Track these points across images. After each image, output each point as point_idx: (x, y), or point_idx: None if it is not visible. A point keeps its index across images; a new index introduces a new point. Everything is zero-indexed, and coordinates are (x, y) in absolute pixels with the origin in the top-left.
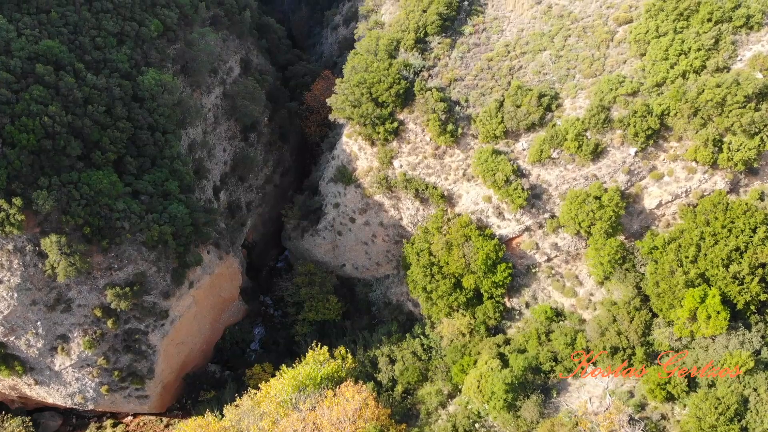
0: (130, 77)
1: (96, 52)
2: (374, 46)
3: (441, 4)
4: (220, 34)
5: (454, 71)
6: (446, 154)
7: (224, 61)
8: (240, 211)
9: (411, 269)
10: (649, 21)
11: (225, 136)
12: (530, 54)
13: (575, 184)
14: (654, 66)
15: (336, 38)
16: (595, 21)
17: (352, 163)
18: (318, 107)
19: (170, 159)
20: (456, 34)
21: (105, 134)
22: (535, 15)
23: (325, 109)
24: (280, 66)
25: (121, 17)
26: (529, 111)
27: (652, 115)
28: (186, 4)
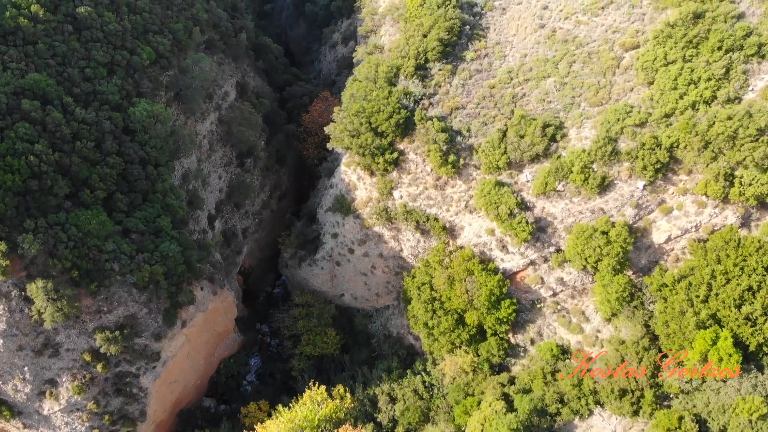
0: (120, 108)
1: (85, 84)
2: (373, 73)
3: (442, 30)
4: (215, 57)
5: (455, 99)
6: (448, 185)
7: (219, 86)
8: (236, 238)
9: (412, 304)
10: (657, 48)
11: (220, 162)
12: (534, 81)
13: (581, 218)
14: (662, 96)
15: (334, 56)
16: (600, 46)
17: (350, 192)
18: (316, 129)
19: (162, 193)
20: (457, 60)
21: (94, 171)
22: (539, 39)
23: (323, 131)
24: (278, 87)
25: (111, 46)
26: (533, 142)
27: (661, 147)
28: (179, 29)
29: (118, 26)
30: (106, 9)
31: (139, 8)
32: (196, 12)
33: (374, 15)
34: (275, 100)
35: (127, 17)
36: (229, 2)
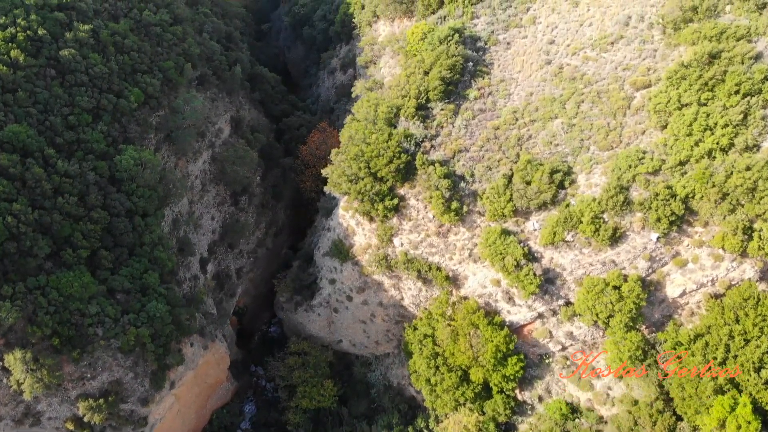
0: (106, 156)
1: (68, 133)
2: (373, 114)
3: (444, 68)
4: (208, 93)
5: (458, 141)
6: (451, 232)
7: (213, 123)
8: (229, 280)
9: (413, 359)
10: (670, 90)
11: (213, 202)
12: (540, 122)
13: (592, 270)
14: (677, 142)
15: (333, 83)
16: (610, 85)
17: (349, 238)
18: (314, 161)
19: (150, 246)
20: (460, 99)
21: (77, 228)
22: (545, 77)
23: (321, 163)
24: (274, 117)
25: (97, 90)
26: (540, 189)
27: (676, 199)
28: (170, 68)
29: (104, 68)
30: (91, 50)
31: (127, 47)
32: (187, 47)
33: (373, 45)
34: (272, 131)
35: (114, 58)
36: (222, 33)
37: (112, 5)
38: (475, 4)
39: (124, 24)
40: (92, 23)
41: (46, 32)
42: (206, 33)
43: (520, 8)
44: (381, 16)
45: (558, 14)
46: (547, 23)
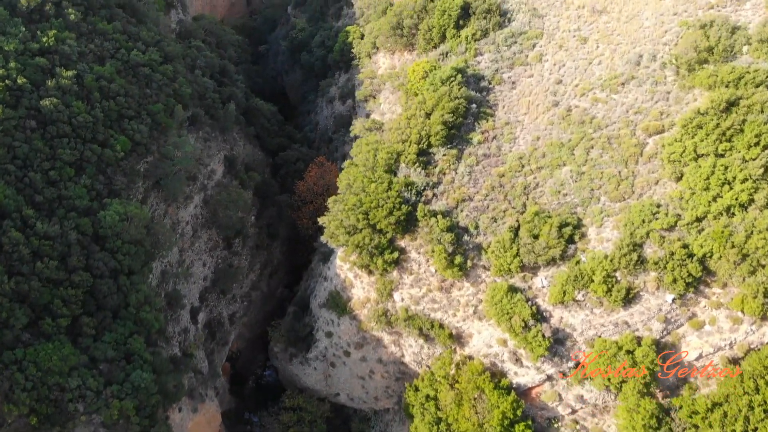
0: (90, 212)
1: (49, 190)
2: (372, 160)
3: (446, 111)
4: (200, 133)
5: (461, 189)
6: (454, 287)
7: (205, 165)
8: (221, 327)
9: (414, 423)
10: (685, 138)
11: (205, 248)
12: (548, 169)
13: (603, 331)
14: (693, 196)
15: (332, 112)
16: (621, 130)
17: (346, 290)
18: (311, 197)
19: (136, 306)
20: (463, 143)
21: (57, 294)
22: (552, 120)
23: (318, 200)
24: (270, 151)
25: (80, 140)
26: (548, 244)
27: (693, 259)
28: (159, 110)
29: (88, 117)
30: (75, 97)
31: (113, 92)
32: (178, 87)
33: (373, 78)
34: (267, 166)
35: (99, 104)
36: (216, 67)
37: (98, 46)
38: (478, 40)
39: (110, 66)
40: (76, 67)
41: (26, 81)
42: (198, 70)
43: (526, 45)
44: (381, 48)
45: (565, 51)
46: (554, 61)
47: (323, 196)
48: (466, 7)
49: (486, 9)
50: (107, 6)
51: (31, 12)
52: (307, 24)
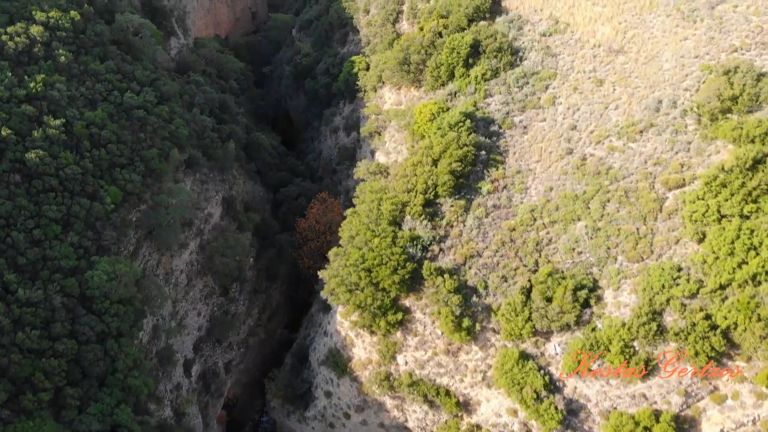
0: (77, 272)
1: (33, 251)
2: (376, 212)
3: (454, 159)
4: (198, 175)
5: (469, 244)
6: (461, 350)
7: (202, 209)
8: (217, 378)
9: None
10: (708, 197)
11: (200, 296)
12: (561, 224)
13: (620, 403)
14: (717, 262)
15: (336, 142)
16: (639, 182)
17: (347, 349)
18: (313, 236)
19: (124, 372)
20: (471, 192)
21: (39, 365)
22: (566, 169)
23: (320, 238)
24: (272, 186)
25: (68, 194)
26: (562, 309)
27: (716, 331)
28: (153, 156)
29: (77, 168)
30: (63, 146)
31: (105, 139)
32: (174, 128)
33: (378, 114)
34: (268, 203)
35: (89, 154)
36: (216, 102)
37: (89, 89)
38: (488, 80)
39: (101, 111)
40: (65, 113)
41: (11, 132)
42: (197, 107)
43: (538, 86)
44: (387, 83)
45: (580, 94)
46: (568, 104)
47: (325, 235)
48: (476, 45)
49: (497, 48)
50: (101, 43)
51: (19, 54)
52: (312, 49)
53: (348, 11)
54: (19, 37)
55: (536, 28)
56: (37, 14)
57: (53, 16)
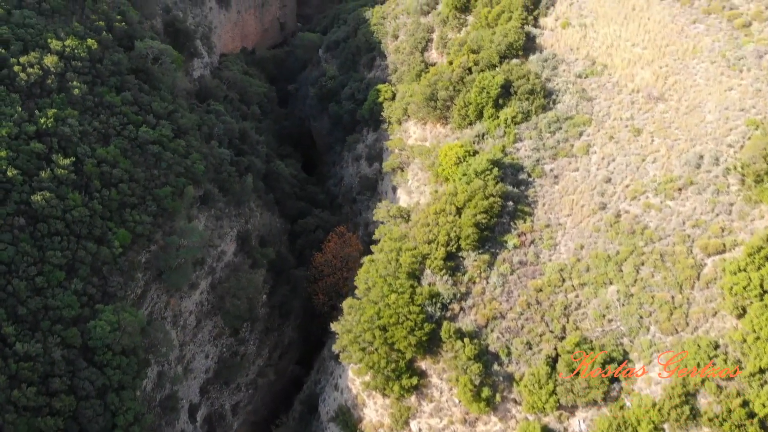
0: (79, 321)
1: (34, 300)
2: (394, 263)
3: (479, 210)
4: (213, 211)
5: (492, 304)
6: (480, 421)
7: (215, 246)
8: (223, 421)
9: None
10: (750, 269)
11: (209, 337)
12: (591, 287)
13: None
14: (757, 342)
15: (357, 170)
16: (676, 245)
17: (357, 409)
18: (329, 271)
19: (124, 428)
20: (496, 246)
21: (34, 424)
22: (599, 226)
23: (337, 274)
24: (290, 216)
25: (74, 237)
26: (590, 384)
27: (753, 420)
28: (166, 195)
29: (84, 211)
30: (72, 187)
31: (116, 178)
32: (190, 164)
33: (402, 150)
34: (285, 233)
35: (99, 194)
36: (236, 132)
37: (103, 123)
38: (518, 124)
39: (114, 148)
40: (76, 150)
41: (17, 172)
42: (215, 140)
43: (572, 132)
44: (412, 116)
45: (616, 143)
46: (602, 154)
47: (341, 271)
48: (507, 85)
49: (529, 90)
50: (118, 73)
51: (32, 86)
52: (338, 71)
53: (376, 35)
54: (32, 68)
55: (572, 68)
56: (52, 43)
57: (69, 45)
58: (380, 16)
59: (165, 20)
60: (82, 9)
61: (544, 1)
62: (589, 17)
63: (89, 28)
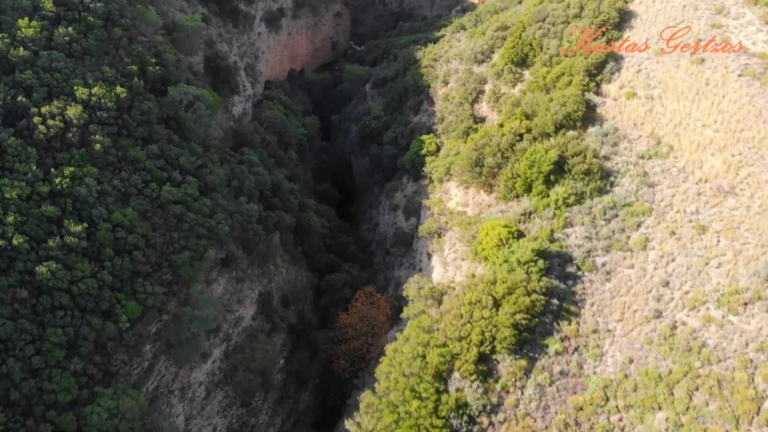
0: (76, 404)
1: (29, 383)
2: (420, 362)
3: (519, 308)
4: (234, 273)
5: (525, 421)
6: None
7: (233, 311)
8: None
9: None
10: None
11: (218, 408)
12: (638, 411)
13: None
14: None
15: (393, 220)
16: (736, 371)
17: None
18: (353, 334)
19: None
20: (536, 350)
21: None
22: (652, 337)
23: (361, 339)
24: (317, 271)
25: (79, 312)
26: None
27: None
28: (184, 262)
29: (92, 282)
30: (82, 255)
31: (131, 245)
32: (215, 224)
33: (441, 215)
34: (311, 288)
35: (111, 263)
36: (268, 184)
37: (123, 180)
38: (570, 206)
39: (132, 210)
40: (92, 211)
41: (24, 239)
42: (245, 196)
43: (629, 222)
44: (455, 178)
45: (677, 240)
46: (661, 252)
47: (366, 336)
48: (561, 162)
49: (585, 170)
50: (146, 122)
51: (51, 139)
52: (383, 110)
53: (425, 78)
54: (53, 120)
55: (634, 146)
56: (78, 90)
57: (96, 94)
58: (432, 58)
59: (207, 55)
60: (116, 49)
61: (609, 66)
62: (657, 88)
63: (121, 73)
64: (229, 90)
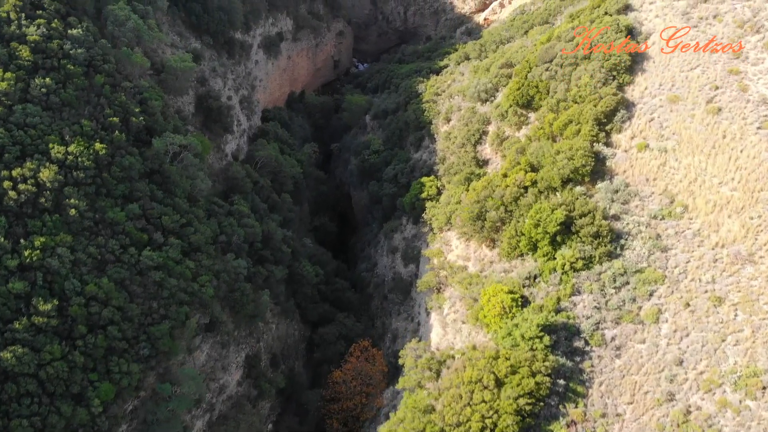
0: None
1: None
2: None
3: (522, 392)
4: (219, 337)
5: None
6: None
7: (217, 380)
8: None
9: None
10: None
11: None
12: None
13: None
14: None
15: (392, 264)
16: None
17: None
18: (346, 393)
19: None
20: None
21: None
22: (664, 424)
23: (355, 399)
24: (310, 323)
25: (47, 398)
26: None
27: None
28: (163, 334)
29: (62, 365)
30: (52, 335)
31: (105, 320)
32: (199, 287)
33: (441, 269)
34: (303, 342)
35: (83, 341)
36: (259, 236)
37: (100, 247)
38: (578, 271)
39: (107, 282)
40: (65, 284)
41: None
42: (232, 252)
43: (641, 291)
44: (456, 229)
45: (692, 313)
46: (675, 326)
47: (361, 396)
48: (568, 222)
49: (594, 232)
50: (127, 179)
51: (22, 205)
52: (383, 144)
53: (427, 114)
54: (25, 184)
55: (646, 205)
56: (54, 149)
57: (73, 152)
58: (434, 92)
59: (198, 93)
60: (98, 97)
61: (620, 114)
62: (671, 140)
63: (102, 125)
64: (222, 129)
